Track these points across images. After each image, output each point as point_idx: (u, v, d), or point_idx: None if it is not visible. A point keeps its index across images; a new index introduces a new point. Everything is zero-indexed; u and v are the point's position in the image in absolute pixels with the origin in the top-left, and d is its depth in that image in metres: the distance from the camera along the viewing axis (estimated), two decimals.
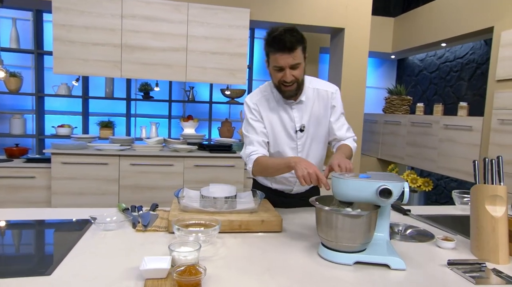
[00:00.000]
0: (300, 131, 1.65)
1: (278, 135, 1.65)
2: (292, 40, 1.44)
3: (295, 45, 1.45)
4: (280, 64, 1.48)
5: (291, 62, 1.47)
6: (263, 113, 1.65)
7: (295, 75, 1.51)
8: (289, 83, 1.52)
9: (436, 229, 1.55)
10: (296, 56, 1.47)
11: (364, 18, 3.70)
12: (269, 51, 1.51)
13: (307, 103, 1.65)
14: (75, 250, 1.15)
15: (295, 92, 1.58)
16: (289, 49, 1.44)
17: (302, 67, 1.53)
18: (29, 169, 3.20)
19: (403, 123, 4.31)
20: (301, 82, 1.58)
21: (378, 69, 5.34)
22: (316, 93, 1.67)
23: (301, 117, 1.65)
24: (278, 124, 1.65)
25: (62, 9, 3.14)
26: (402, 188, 1.16)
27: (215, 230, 1.25)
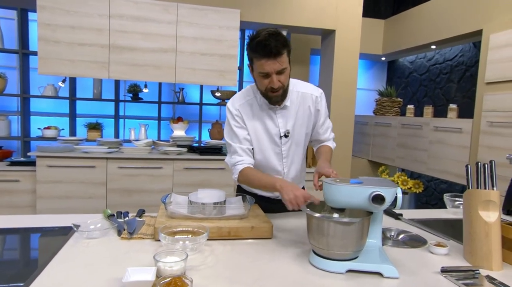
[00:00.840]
0: (284, 136, 1.61)
1: (262, 141, 1.61)
2: (277, 45, 1.37)
3: (281, 50, 1.39)
4: (266, 70, 1.42)
5: (277, 68, 1.41)
6: (246, 119, 1.59)
7: (281, 81, 1.46)
8: (276, 89, 1.47)
9: (428, 234, 1.53)
10: (282, 61, 1.41)
11: (354, 20, 3.70)
12: (253, 56, 1.44)
13: (291, 107, 1.61)
14: (56, 260, 1.10)
15: (282, 98, 1.53)
16: (275, 54, 1.38)
17: (288, 71, 1.48)
18: (13, 172, 3.11)
19: (394, 125, 4.31)
20: (287, 88, 1.53)
21: (369, 71, 5.35)
22: (300, 97, 1.62)
23: (286, 123, 1.61)
24: (262, 130, 1.61)
25: (47, 8, 3.06)
26: (395, 194, 1.14)
27: (203, 237, 1.21)
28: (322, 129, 1.71)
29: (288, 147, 1.64)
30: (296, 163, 1.69)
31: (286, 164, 1.67)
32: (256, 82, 1.52)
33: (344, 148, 3.84)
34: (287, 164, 1.67)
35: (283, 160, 1.65)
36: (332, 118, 3.78)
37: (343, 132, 3.81)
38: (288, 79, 1.51)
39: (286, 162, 1.66)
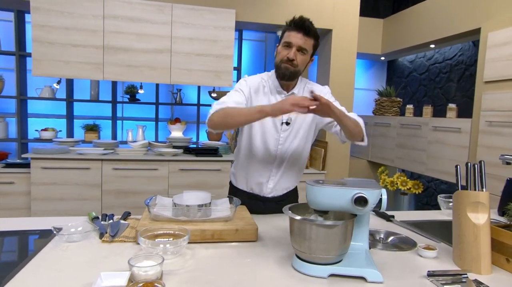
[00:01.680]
0: (286, 123, 1.65)
1: (265, 123, 1.65)
2: (310, 27, 1.53)
3: (311, 32, 1.53)
4: (290, 40, 1.53)
5: (300, 43, 1.52)
6: (255, 96, 1.66)
7: (298, 59, 1.54)
8: (291, 62, 1.54)
9: (419, 236, 1.49)
10: (307, 41, 1.53)
11: (351, 19, 3.66)
12: (286, 29, 1.58)
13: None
14: (31, 264, 1.08)
15: (290, 74, 1.58)
16: (305, 31, 1.52)
17: (306, 58, 1.57)
18: (8, 174, 3.10)
19: (393, 125, 4.27)
20: (299, 71, 1.59)
21: (368, 70, 5.31)
22: (308, 92, 1.65)
23: None
24: None
25: (41, 9, 3.05)
26: (379, 196, 1.10)
27: (184, 240, 1.19)
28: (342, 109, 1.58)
29: (286, 135, 1.67)
30: (293, 154, 1.70)
31: (280, 152, 1.69)
32: (276, 55, 1.61)
33: (342, 149, 3.81)
34: (281, 152, 1.69)
35: (279, 147, 1.67)
36: None
37: None
38: (303, 65, 1.59)
39: (281, 149, 1.68)
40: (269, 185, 1.73)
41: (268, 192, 1.74)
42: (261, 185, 1.73)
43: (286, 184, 1.77)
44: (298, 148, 1.71)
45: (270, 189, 1.74)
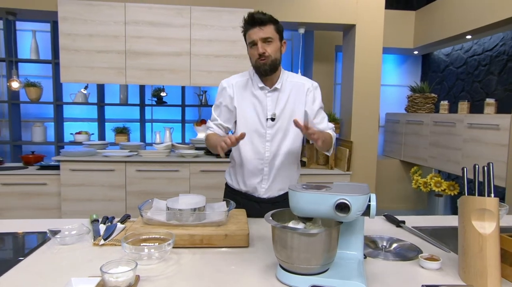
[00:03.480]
0: (271, 119, 1.65)
1: (249, 120, 1.66)
2: (261, 17, 1.55)
3: (265, 21, 1.55)
4: (252, 38, 1.56)
5: (262, 35, 1.54)
6: (237, 95, 1.67)
7: (268, 50, 1.55)
8: (263, 57, 1.55)
9: (428, 245, 1.38)
10: (266, 31, 1.55)
11: (376, 13, 3.49)
12: (245, 30, 1.61)
13: (282, 93, 1.66)
14: (17, 267, 1.11)
15: (269, 68, 1.58)
16: (259, 23, 1.54)
17: (276, 45, 1.58)
18: (41, 176, 3.28)
19: (426, 123, 4.03)
20: (275, 61, 1.59)
21: (401, 66, 5.06)
22: (294, 86, 1.68)
23: (274, 106, 1.66)
24: (251, 109, 1.66)
25: (68, 18, 3.20)
26: (365, 202, 1.02)
27: (168, 245, 1.17)
28: (318, 119, 1.72)
29: (274, 132, 1.66)
30: (283, 151, 1.68)
31: (270, 149, 1.67)
32: (250, 57, 1.64)
33: (369, 148, 3.65)
34: (270, 149, 1.67)
35: (266, 144, 1.66)
36: (354, 117, 3.61)
37: (367, 132, 3.62)
38: (276, 53, 1.59)
39: (269, 146, 1.66)
40: (263, 186, 1.71)
41: (263, 193, 1.71)
42: (255, 185, 1.71)
43: (281, 185, 1.72)
44: (289, 145, 1.68)
45: (265, 189, 1.71)
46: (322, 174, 3.53)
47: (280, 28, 1.60)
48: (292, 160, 1.73)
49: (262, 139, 1.66)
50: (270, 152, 1.67)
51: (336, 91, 4.73)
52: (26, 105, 4.17)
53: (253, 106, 1.66)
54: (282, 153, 1.68)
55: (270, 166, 1.68)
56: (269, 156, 1.67)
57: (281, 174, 1.71)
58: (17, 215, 3.25)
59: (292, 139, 1.69)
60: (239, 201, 1.67)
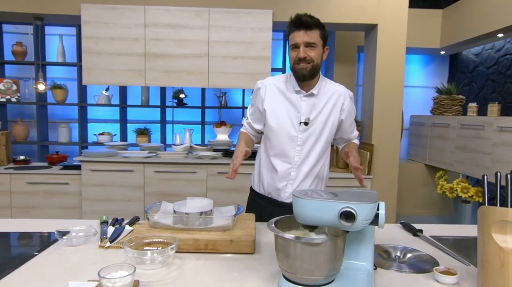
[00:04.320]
0: (304, 124, 1.61)
1: (282, 122, 1.63)
2: (309, 20, 1.51)
3: (312, 25, 1.51)
4: (295, 41, 1.53)
5: (306, 40, 1.51)
6: (269, 97, 1.65)
7: (310, 55, 1.52)
8: (304, 62, 1.53)
9: (446, 256, 1.29)
10: (312, 35, 1.51)
11: (399, 12, 3.37)
12: (289, 31, 1.57)
13: (319, 99, 1.63)
14: (23, 268, 1.12)
15: (309, 73, 1.55)
16: (306, 27, 1.50)
17: (318, 50, 1.55)
18: (64, 175, 3.37)
19: (452, 126, 3.86)
20: (316, 66, 1.56)
21: (427, 66, 4.88)
22: (331, 93, 1.65)
23: (309, 111, 1.62)
24: (284, 111, 1.63)
25: (91, 22, 3.27)
26: (372, 210, 0.96)
27: (171, 249, 1.15)
28: (351, 128, 1.75)
29: (306, 137, 1.62)
30: (312, 157, 1.65)
31: (299, 154, 1.63)
32: (290, 60, 1.60)
33: (391, 152, 3.52)
34: (300, 153, 1.63)
35: (297, 148, 1.63)
36: (375, 119, 3.50)
37: (389, 135, 3.50)
38: (318, 58, 1.56)
39: (299, 151, 1.63)
40: (287, 190, 1.67)
41: (286, 197, 1.67)
42: (279, 189, 1.67)
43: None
44: (319, 151, 1.65)
45: (288, 194, 1.67)
46: (341, 177, 3.44)
47: (326, 34, 1.57)
48: (321, 166, 1.70)
49: (293, 143, 1.63)
50: (300, 157, 1.64)
51: (358, 93, 4.62)
52: (54, 107, 4.30)
53: (286, 109, 1.62)
54: (312, 158, 1.65)
55: (298, 171, 1.65)
56: (298, 160, 1.64)
57: (308, 179, 1.67)
58: (42, 214, 3.35)
59: (322, 145, 1.65)
60: (260, 204, 1.65)
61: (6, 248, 1.36)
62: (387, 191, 3.52)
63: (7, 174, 3.34)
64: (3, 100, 3.93)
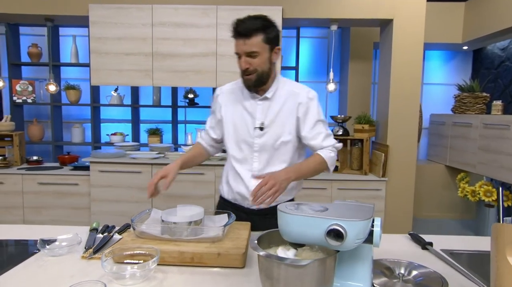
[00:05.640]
0: (259, 129, 1.54)
1: (239, 127, 1.58)
2: (247, 27, 1.40)
3: (251, 32, 1.40)
4: (236, 50, 1.46)
5: (246, 49, 1.42)
6: (226, 104, 1.61)
7: (253, 64, 1.44)
8: (247, 72, 1.45)
9: (458, 274, 1.16)
10: (251, 44, 1.41)
11: (416, 6, 3.19)
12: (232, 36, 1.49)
13: (275, 102, 1.55)
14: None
15: (255, 83, 1.49)
16: (244, 35, 1.41)
17: (263, 57, 1.44)
18: (74, 176, 3.37)
19: (475, 125, 3.64)
20: (262, 74, 1.47)
21: (449, 63, 4.65)
22: (288, 95, 1.56)
23: (265, 115, 1.55)
24: (240, 116, 1.59)
25: (98, 22, 3.25)
26: (365, 228, 0.85)
27: (153, 263, 1.07)
28: (311, 134, 1.56)
29: (263, 142, 1.55)
30: (277, 162, 1.56)
31: (259, 159, 1.55)
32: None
33: (408, 153, 3.35)
34: (260, 159, 1.55)
35: (255, 154, 1.56)
36: (391, 119, 3.34)
37: (405, 135, 3.33)
38: (264, 66, 1.46)
39: (258, 156, 1.56)
40: (247, 203, 1.60)
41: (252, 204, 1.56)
42: (244, 195, 1.58)
43: None
44: (282, 157, 1.55)
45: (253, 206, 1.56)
46: (355, 180, 3.30)
47: (270, 36, 1.45)
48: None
49: (250, 149, 1.57)
50: (260, 163, 1.56)
51: (374, 91, 4.44)
52: (68, 107, 4.33)
53: (242, 115, 1.58)
54: (277, 163, 1.56)
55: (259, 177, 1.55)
56: (258, 166, 1.56)
57: None
58: (52, 214, 3.37)
59: (286, 150, 1.56)
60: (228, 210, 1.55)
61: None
62: (403, 194, 3.36)
63: (19, 175, 3.37)
64: (19, 101, 3.99)
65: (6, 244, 1.40)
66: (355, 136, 3.45)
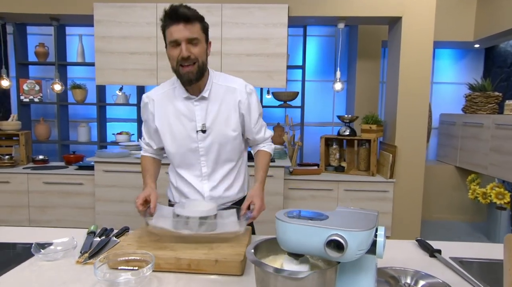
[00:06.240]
0: (202, 131, 1.45)
1: (178, 135, 1.47)
2: (187, 13, 1.31)
3: (192, 19, 1.32)
4: (175, 37, 1.32)
5: (187, 35, 1.31)
6: (158, 110, 1.48)
7: (194, 52, 1.33)
8: (188, 62, 1.33)
9: (468, 285, 1.10)
10: (193, 30, 1.32)
11: (426, 4, 3.11)
12: (164, 26, 1.36)
13: (212, 100, 1.46)
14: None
15: (196, 76, 1.37)
16: (185, 20, 1.30)
17: (202, 47, 1.37)
18: (79, 176, 3.37)
19: (486, 125, 3.55)
20: (203, 66, 1.38)
21: (459, 61, 4.54)
22: (225, 91, 1.47)
23: (204, 117, 1.46)
24: (177, 122, 1.47)
25: (103, 21, 3.24)
26: (368, 238, 0.80)
27: (147, 270, 1.04)
28: (256, 128, 1.54)
29: (208, 145, 1.47)
30: (224, 164, 1.52)
31: (207, 164, 1.49)
32: (169, 59, 1.40)
33: (415, 154, 3.28)
34: (207, 163, 1.49)
35: (201, 159, 1.49)
36: (399, 119, 3.26)
37: (413, 136, 3.25)
38: (203, 56, 1.38)
39: (205, 160, 1.49)
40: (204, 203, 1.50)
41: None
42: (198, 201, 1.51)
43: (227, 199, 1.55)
44: (229, 155, 1.52)
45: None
46: (362, 181, 3.24)
47: (207, 26, 1.40)
48: (237, 170, 1.57)
49: (196, 155, 1.48)
50: (208, 167, 1.50)
51: (382, 90, 4.37)
52: (75, 106, 4.33)
53: (179, 119, 1.46)
54: (222, 165, 1.52)
55: (210, 182, 1.52)
56: (207, 171, 1.50)
57: (223, 187, 1.53)
58: (57, 213, 3.37)
59: (233, 148, 1.51)
60: None
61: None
62: (411, 196, 3.28)
63: (25, 174, 3.38)
64: (26, 100, 4.01)
65: (5, 247, 1.37)
66: (362, 137, 3.38)
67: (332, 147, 3.51)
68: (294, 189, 3.26)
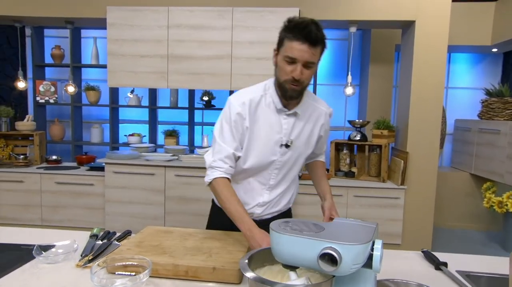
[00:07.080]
0: (285, 146, 1.41)
1: (260, 146, 1.40)
2: (317, 34, 1.23)
3: (319, 41, 1.24)
4: (295, 55, 1.23)
5: (307, 59, 1.24)
6: (249, 115, 1.37)
7: (305, 75, 1.28)
8: (297, 83, 1.28)
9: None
10: (315, 53, 1.25)
11: (440, 7, 3.05)
12: (285, 37, 1.26)
13: (301, 117, 1.43)
14: None
15: (298, 95, 1.35)
16: (312, 41, 1.22)
17: (314, 71, 1.32)
18: (90, 176, 3.41)
19: (503, 132, 3.45)
20: (306, 86, 1.35)
21: (476, 66, 4.44)
22: (313, 110, 1.46)
23: (291, 131, 1.42)
24: (263, 133, 1.39)
25: (116, 24, 3.28)
26: (364, 252, 0.78)
27: (144, 275, 1.03)
28: (323, 143, 1.61)
29: (285, 159, 1.44)
30: (287, 180, 1.51)
31: (276, 177, 1.47)
32: (277, 69, 1.33)
33: (428, 160, 3.20)
34: (277, 177, 1.47)
35: (274, 171, 1.46)
36: (411, 124, 3.20)
37: (426, 142, 3.18)
38: (309, 80, 1.33)
39: (277, 174, 1.47)
40: (257, 211, 1.50)
41: (255, 216, 1.50)
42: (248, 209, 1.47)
43: (277, 208, 1.54)
44: (295, 171, 1.52)
45: (258, 214, 1.51)
46: (372, 187, 3.18)
47: (325, 49, 1.31)
48: (296, 186, 1.60)
49: (270, 168, 1.44)
50: (276, 180, 1.48)
51: (395, 95, 4.30)
52: (89, 107, 4.40)
53: (266, 129, 1.39)
54: (287, 180, 1.51)
55: (272, 193, 1.50)
56: (273, 183, 1.48)
57: (280, 200, 1.53)
58: (68, 213, 3.42)
59: (300, 164, 1.51)
60: (224, 222, 1.43)
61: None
62: (423, 204, 3.21)
63: (38, 174, 3.44)
64: (42, 101, 4.09)
65: (8, 248, 1.39)
66: (373, 142, 3.33)
67: (342, 152, 3.46)
68: (303, 194, 3.22)
